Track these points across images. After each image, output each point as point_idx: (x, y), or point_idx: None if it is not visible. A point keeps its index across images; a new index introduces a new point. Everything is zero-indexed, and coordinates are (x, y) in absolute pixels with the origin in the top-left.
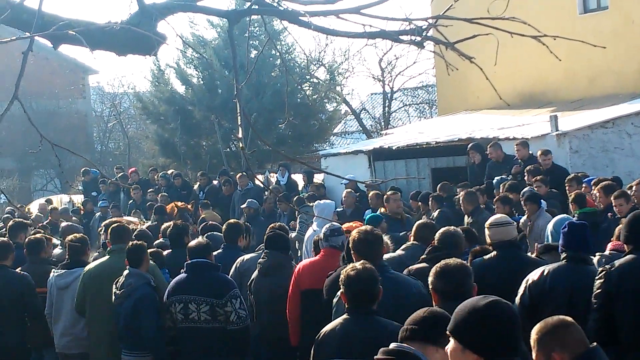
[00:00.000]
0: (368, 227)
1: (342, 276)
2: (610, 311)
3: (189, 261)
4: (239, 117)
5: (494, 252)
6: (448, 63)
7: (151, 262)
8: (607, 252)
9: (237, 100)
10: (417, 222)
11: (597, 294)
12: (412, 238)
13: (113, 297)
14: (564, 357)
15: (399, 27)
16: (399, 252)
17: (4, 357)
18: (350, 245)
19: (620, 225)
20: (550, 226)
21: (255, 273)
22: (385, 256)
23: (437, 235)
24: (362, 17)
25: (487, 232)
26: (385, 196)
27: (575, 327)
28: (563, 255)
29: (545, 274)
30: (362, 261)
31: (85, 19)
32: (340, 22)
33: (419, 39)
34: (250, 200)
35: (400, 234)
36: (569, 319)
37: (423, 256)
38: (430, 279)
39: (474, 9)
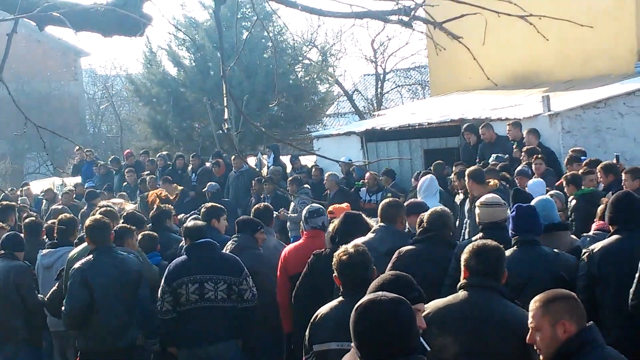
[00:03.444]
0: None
1: (334, 260)
2: (593, 293)
3: (194, 242)
4: (225, 99)
5: (480, 233)
6: (436, 43)
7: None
8: (591, 233)
9: (223, 81)
10: (382, 202)
11: (580, 275)
12: (379, 220)
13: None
14: (571, 327)
15: (387, 7)
16: (369, 235)
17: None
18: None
19: (602, 205)
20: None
21: None
22: (357, 240)
23: (425, 216)
24: None
25: (476, 210)
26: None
27: (580, 303)
28: (514, 240)
29: None
30: (353, 243)
31: (71, 0)
32: (329, 2)
33: (407, 18)
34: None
35: None
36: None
37: (414, 238)
38: (464, 255)
39: None
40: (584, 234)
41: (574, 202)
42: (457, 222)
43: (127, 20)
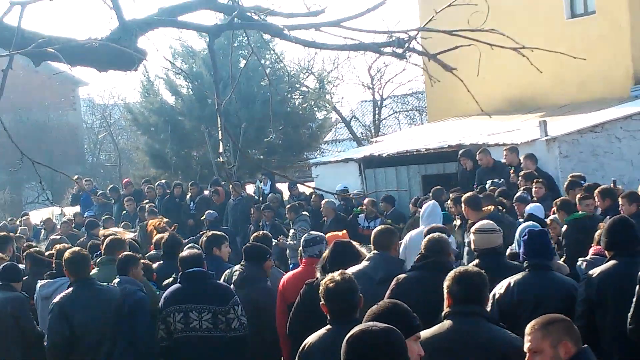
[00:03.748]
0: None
1: (321, 288)
2: (592, 318)
3: (185, 271)
4: (219, 132)
5: (477, 260)
6: (431, 75)
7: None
8: (589, 257)
9: (218, 115)
10: (375, 230)
11: (579, 301)
12: (372, 247)
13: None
14: (571, 348)
15: (380, 39)
16: (364, 263)
17: None
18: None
19: (599, 230)
20: (517, 233)
21: (232, 285)
22: (351, 269)
23: (423, 243)
24: (343, 30)
25: (472, 237)
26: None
27: (574, 326)
28: (525, 264)
29: (511, 286)
30: (340, 271)
31: (66, 36)
32: (323, 35)
33: (400, 51)
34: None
35: None
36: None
37: (412, 264)
38: (446, 282)
39: (461, 19)
40: (582, 259)
41: (564, 227)
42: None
43: (121, 55)
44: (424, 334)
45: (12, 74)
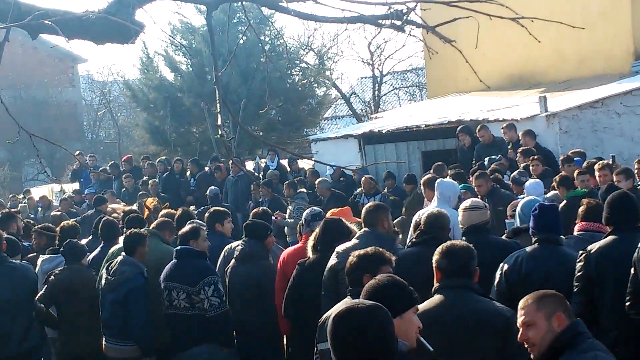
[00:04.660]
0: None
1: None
2: (591, 293)
3: (177, 248)
4: (218, 105)
5: (463, 237)
6: (429, 47)
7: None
8: (575, 233)
9: (216, 87)
10: (364, 207)
11: (577, 276)
12: (362, 225)
13: (103, 281)
14: (565, 320)
15: (380, 11)
16: (354, 240)
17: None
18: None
19: (582, 207)
20: (518, 208)
21: (233, 260)
22: (340, 247)
23: (423, 219)
24: (341, 2)
25: (459, 216)
26: None
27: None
28: (534, 238)
29: (519, 259)
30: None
31: (63, 8)
32: (323, 7)
33: (399, 23)
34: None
35: None
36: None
37: (412, 240)
38: (435, 257)
39: None
40: (567, 236)
41: (563, 203)
42: None
43: (119, 27)
44: None
45: (11, 51)
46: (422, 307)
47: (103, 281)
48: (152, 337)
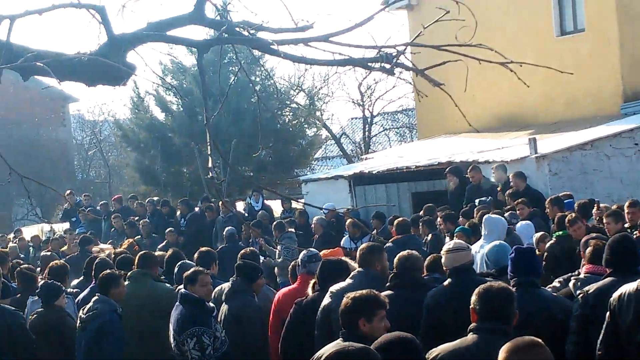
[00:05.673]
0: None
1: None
2: (588, 334)
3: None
4: (208, 147)
5: (448, 280)
6: (419, 90)
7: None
8: (582, 276)
9: (207, 130)
10: (360, 247)
11: (574, 317)
12: (357, 265)
13: (78, 321)
14: None
15: (370, 54)
16: (348, 281)
17: None
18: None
19: (589, 248)
20: (481, 254)
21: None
22: (334, 286)
23: (395, 261)
24: (331, 45)
25: (442, 259)
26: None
27: (545, 349)
28: (513, 281)
29: None
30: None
31: (55, 50)
32: (312, 50)
33: (389, 66)
34: (228, 227)
35: None
36: (539, 340)
37: (387, 284)
38: (472, 298)
39: (451, 35)
40: (574, 277)
41: (552, 240)
42: None
43: (110, 69)
44: (446, 346)
45: (2, 89)
46: (453, 344)
47: (78, 321)
48: None
